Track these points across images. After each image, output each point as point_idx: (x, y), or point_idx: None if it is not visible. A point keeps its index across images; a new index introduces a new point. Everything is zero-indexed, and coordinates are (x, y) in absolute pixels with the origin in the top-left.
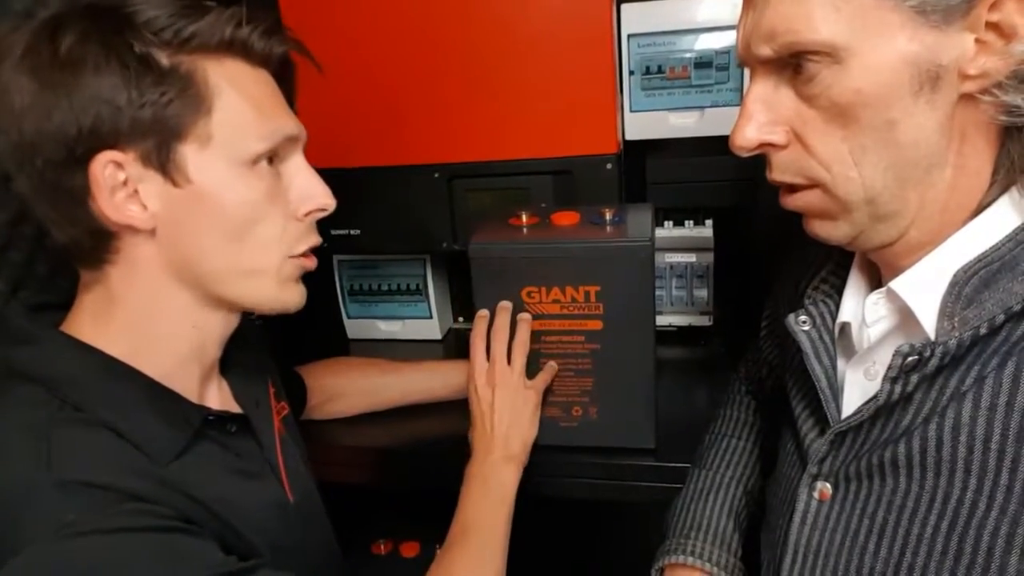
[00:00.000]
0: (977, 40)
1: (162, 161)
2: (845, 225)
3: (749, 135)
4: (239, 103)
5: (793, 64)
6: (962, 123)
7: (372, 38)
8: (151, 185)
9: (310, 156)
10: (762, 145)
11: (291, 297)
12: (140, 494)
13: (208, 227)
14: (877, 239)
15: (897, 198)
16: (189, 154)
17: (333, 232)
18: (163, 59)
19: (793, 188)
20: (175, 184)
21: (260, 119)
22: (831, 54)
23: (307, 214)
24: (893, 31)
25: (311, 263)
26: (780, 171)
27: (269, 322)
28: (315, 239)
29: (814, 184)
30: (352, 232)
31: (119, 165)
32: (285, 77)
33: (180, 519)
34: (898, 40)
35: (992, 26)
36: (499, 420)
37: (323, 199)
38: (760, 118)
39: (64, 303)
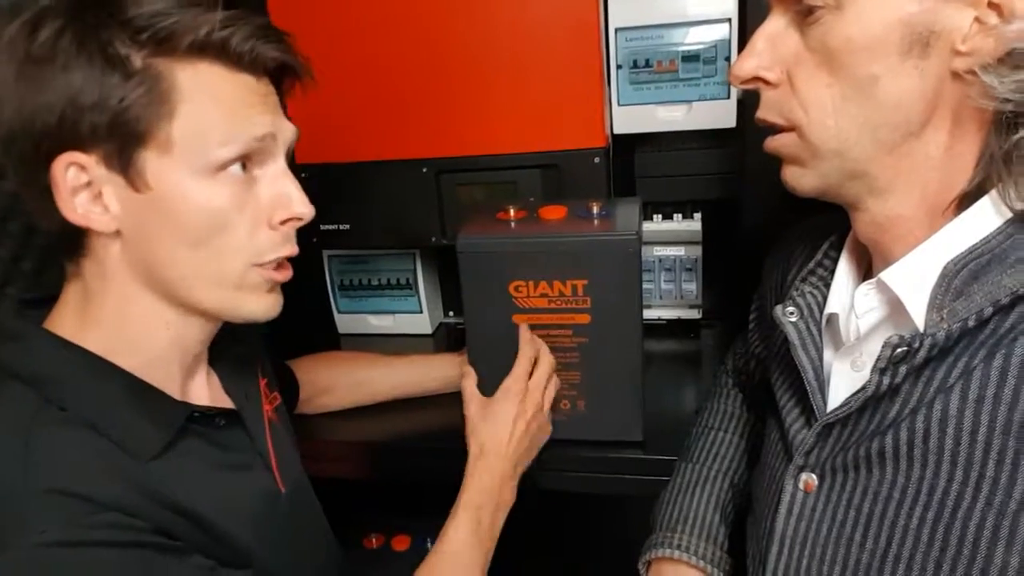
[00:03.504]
0: (976, 19)
1: (124, 165)
2: (813, 174)
3: (746, 66)
4: (205, 109)
5: (807, 7)
6: (954, 104)
7: (360, 34)
8: (114, 188)
9: (300, 151)
10: (755, 79)
11: (257, 308)
12: (117, 503)
13: (169, 234)
14: (847, 196)
15: (870, 159)
16: (150, 159)
17: (322, 227)
18: (136, 60)
19: (775, 132)
20: (136, 189)
21: (227, 125)
22: None
23: (282, 223)
24: None
25: (281, 275)
26: (765, 109)
27: None
28: (288, 250)
29: (792, 127)
30: (341, 227)
31: (82, 167)
32: (281, 81)
33: (155, 532)
34: None
35: (993, 6)
36: (520, 442)
37: (298, 208)
38: (762, 54)
39: (54, 297)
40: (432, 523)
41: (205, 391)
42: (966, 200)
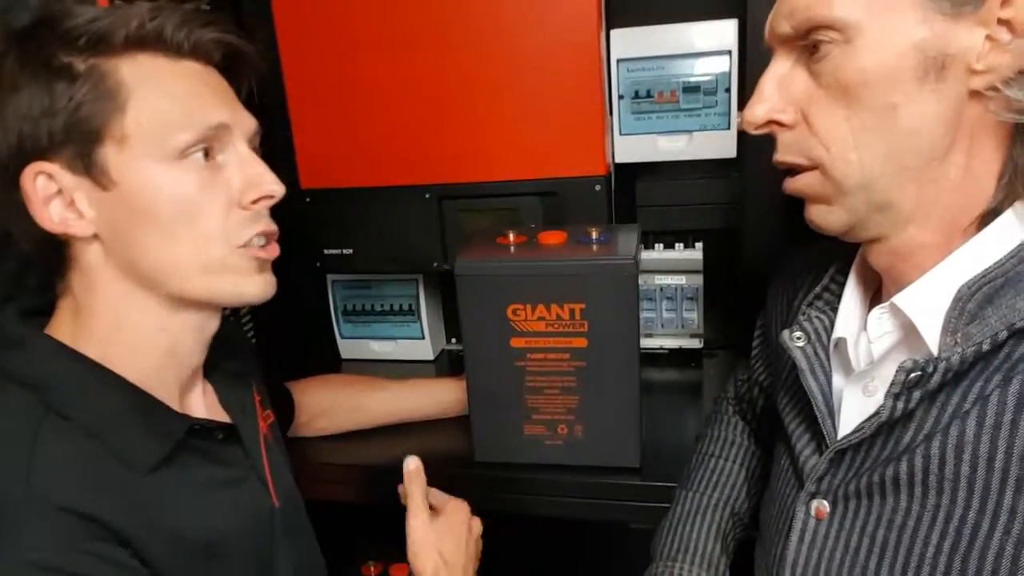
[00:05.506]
0: (988, 37)
1: (86, 166)
2: (841, 211)
3: (759, 112)
4: (155, 99)
5: (811, 44)
6: (972, 122)
7: (364, 61)
8: (84, 192)
9: (304, 176)
10: (770, 123)
11: (250, 289)
12: (111, 523)
13: (143, 227)
14: (874, 230)
15: (895, 187)
16: (110, 156)
17: (326, 252)
18: (79, 65)
19: (795, 172)
20: (103, 188)
21: (180, 111)
22: (841, 31)
23: (254, 202)
24: (904, 14)
25: (266, 253)
26: (783, 151)
27: (260, 338)
28: (261, 226)
29: (814, 165)
30: (345, 252)
31: (49, 176)
32: (233, 69)
33: (138, 559)
34: (908, 24)
35: (1003, 22)
36: (471, 547)
37: (269, 186)
38: (772, 97)
39: (53, 307)
40: None
41: (202, 405)
42: (985, 220)
